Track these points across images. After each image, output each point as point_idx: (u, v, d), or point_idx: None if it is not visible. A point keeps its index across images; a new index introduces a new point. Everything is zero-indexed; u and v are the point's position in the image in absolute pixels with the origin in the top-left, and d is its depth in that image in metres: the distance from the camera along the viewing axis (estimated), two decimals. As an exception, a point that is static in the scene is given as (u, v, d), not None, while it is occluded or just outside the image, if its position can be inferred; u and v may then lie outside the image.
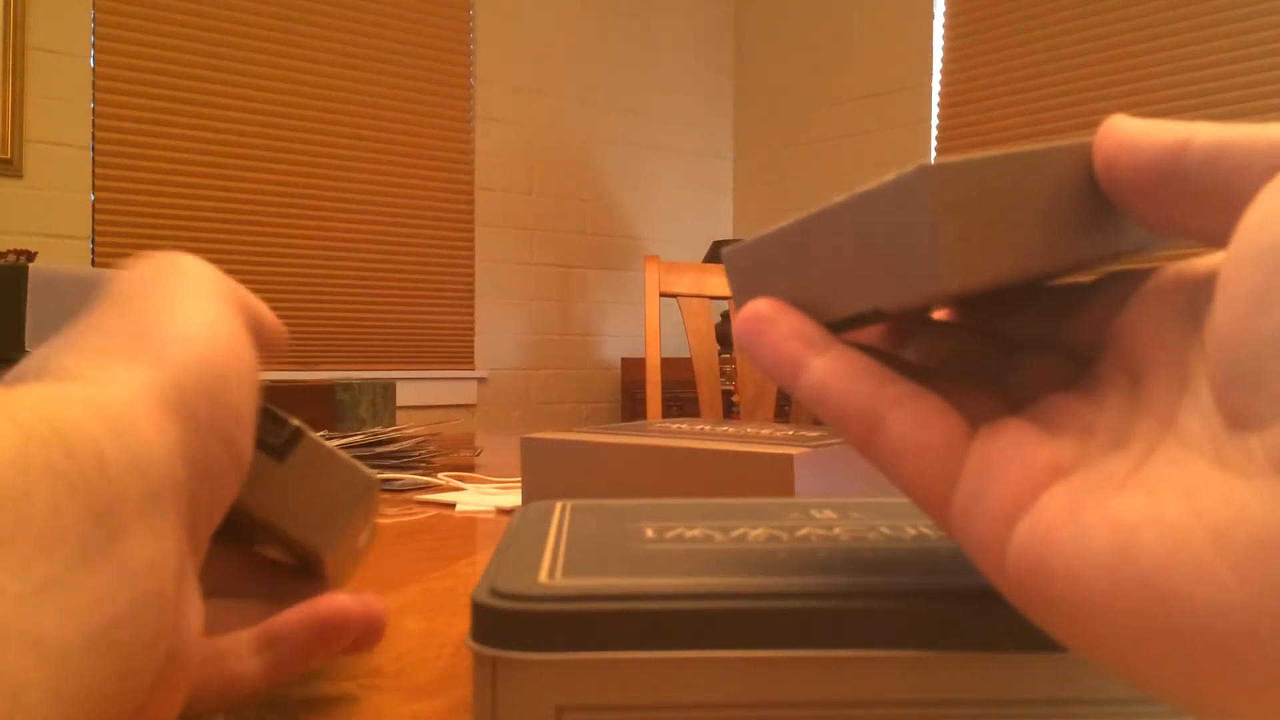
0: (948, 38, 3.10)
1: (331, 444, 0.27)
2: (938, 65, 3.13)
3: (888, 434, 0.19)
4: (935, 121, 3.12)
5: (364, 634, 0.25)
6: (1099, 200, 0.19)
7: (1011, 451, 0.18)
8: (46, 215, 2.43)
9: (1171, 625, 0.14)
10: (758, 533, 0.25)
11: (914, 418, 0.19)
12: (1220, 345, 0.15)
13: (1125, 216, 0.20)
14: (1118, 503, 0.15)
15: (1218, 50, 2.54)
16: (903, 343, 0.24)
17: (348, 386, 0.93)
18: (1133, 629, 0.14)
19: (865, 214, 0.19)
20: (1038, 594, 0.16)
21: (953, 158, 0.18)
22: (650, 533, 0.25)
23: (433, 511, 0.62)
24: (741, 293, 0.22)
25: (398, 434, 0.79)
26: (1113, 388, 0.19)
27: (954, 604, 0.19)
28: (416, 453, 0.79)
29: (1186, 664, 0.14)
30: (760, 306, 0.21)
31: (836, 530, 0.25)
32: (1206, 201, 0.17)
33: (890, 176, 0.18)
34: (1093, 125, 2.73)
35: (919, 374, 0.22)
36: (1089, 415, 0.18)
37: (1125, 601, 0.14)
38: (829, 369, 0.20)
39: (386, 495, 0.69)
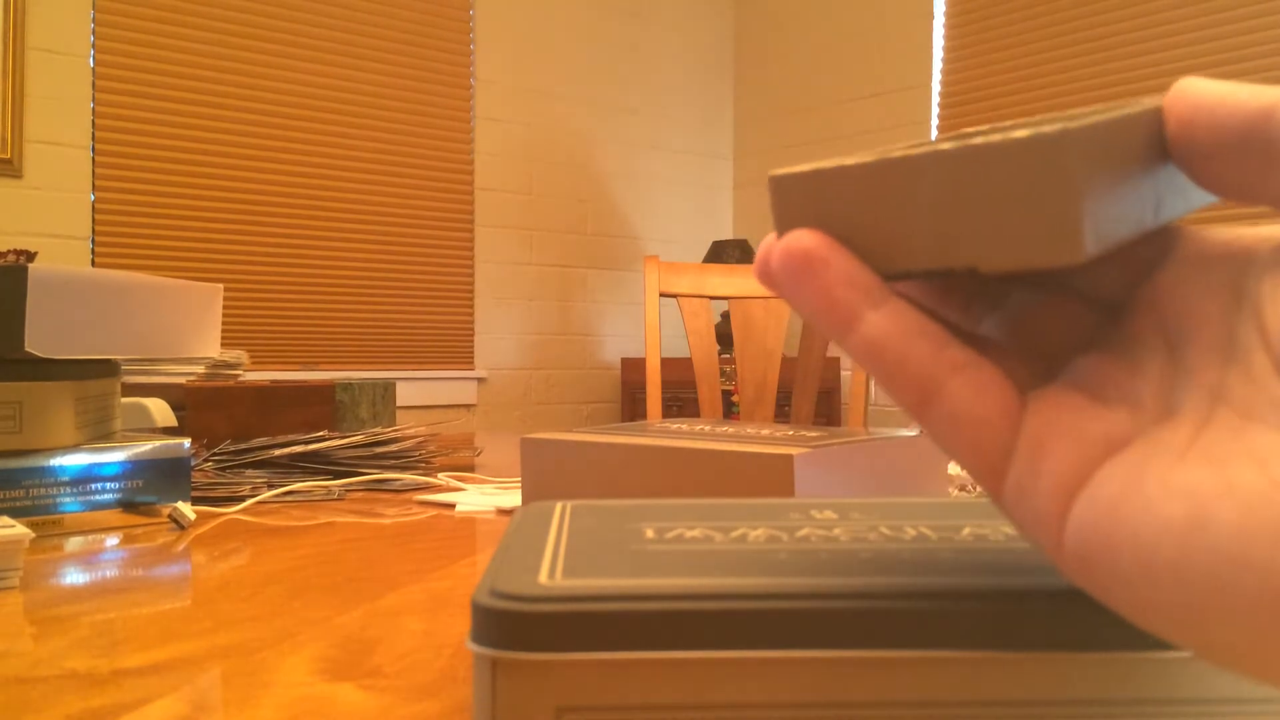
0: (948, 38, 3.10)
1: None
2: (938, 65, 3.13)
3: (945, 403, 0.18)
4: (935, 121, 3.12)
5: None
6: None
7: (1065, 425, 0.17)
8: (46, 215, 2.43)
9: (1250, 593, 0.14)
10: (758, 533, 0.25)
11: (972, 387, 0.18)
12: None
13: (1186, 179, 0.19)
14: (1183, 474, 0.15)
15: (1218, 50, 2.54)
16: (947, 302, 0.22)
17: (348, 386, 0.93)
18: (1208, 599, 0.14)
19: (984, 167, 0.17)
20: (1102, 568, 0.16)
21: (1082, 117, 0.17)
22: (650, 533, 0.25)
23: (433, 511, 0.62)
24: (785, 223, 0.20)
25: (398, 434, 0.79)
26: (1150, 353, 0.18)
27: (955, 603, 0.19)
28: (416, 453, 0.79)
29: (1264, 631, 0.14)
30: (808, 241, 0.19)
31: (837, 530, 0.25)
32: None
33: (1021, 132, 0.17)
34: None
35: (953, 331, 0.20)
36: (1131, 382, 0.18)
37: (1199, 571, 0.14)
38: (887, 325, 0.18)
39: (386, 495, 0.69)
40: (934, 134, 3.12)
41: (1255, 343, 0.16)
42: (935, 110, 3.12)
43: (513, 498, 0.65)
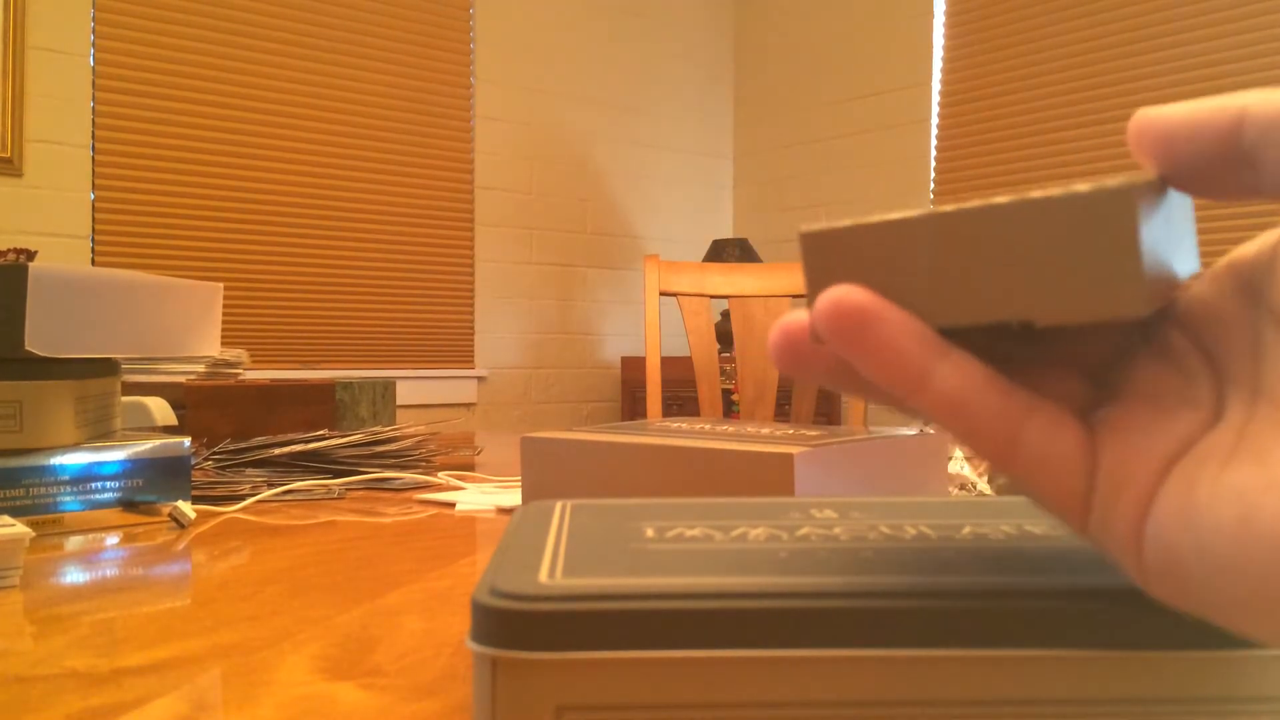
0: (948, 37, 3.10)
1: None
2: (938, 65, 3.13)
3: (1027, 448, 0.18)
4: (935, 121, 3.12)
5: None
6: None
7: (1137, 449, 0.18)
8: (46, 214, 2.43)
9: None
10: (758, 532, 0.24)
11: (1047, 428, 0.18)
12: None
13: None
14: (1232, 475, 0.16)
15: (1217, 50, 2.54)
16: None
17: (348, 386, 0.93)
18: (1265, 591, 0.15)
19: (1042, 220, 0.17)
20: (1174, 579, 0.16)
21: (1138, 174, 0.17)
22: (650, 533, 0.25)
23: (433, 511, 0.62)
24: (820, 279, 0.19)
25: (398, 433, 0.79)
26: (1192, 358, 0.19)
27: (955, 603, 0.19)
28: (416, 452, 0.79)
29: None
30: (859, 297, 0.18)
31: (837, 530, 0.25)
32: (1271, 166, 0.17)
33: (1081, 188, 0.17)
34: (1093, 125, 2.73)
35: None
36: (1185, 390, 0.18)
37: (1253, 567, 0.15)
38: (957, 378, 0.18)
39: (386, 494, 0.69)
40: (934, 134, 3.12)
41: (1276, 336, 0.17)
42: (935, 110, 3.12)
43: (513, 497, 0.65)
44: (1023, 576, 0.20)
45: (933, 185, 3.11)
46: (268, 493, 0.66)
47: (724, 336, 3.02)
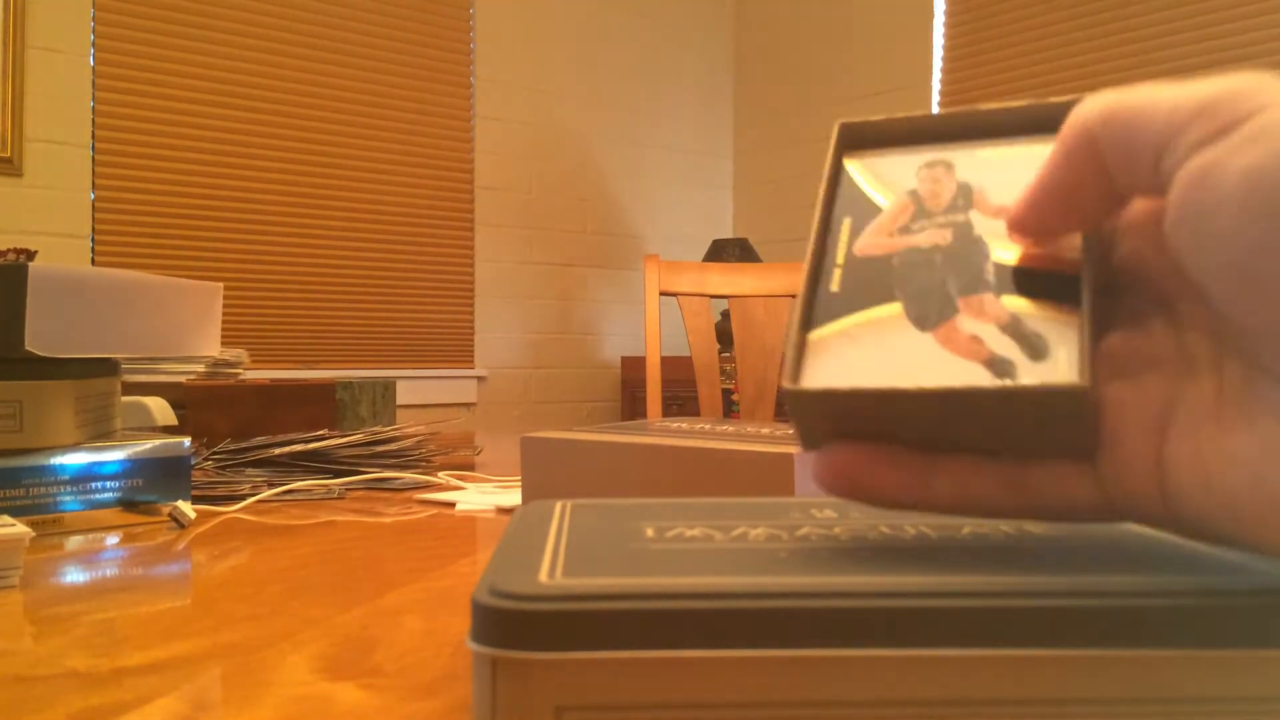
0: (948, 37, 3.10)
1: None
2: (938, 65, 3.13)
3: (1032, 495, 0.21)
4: (935, 121, 3.12)
5: None
6: None
7: (1127, 425, 0.20)
8: (46, 214, 2.43)
9: None
10: (758, 532, 0.24)
11: (1046, 475, 0.21)
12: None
13: None
14: (1231, 441, 0.18)
15: (1217, 50, 2.54)
16: None
17: (348, 385, 0.93)
18: None
19: (1009, 405, 0.20)
20: (1202, 530, 0.19)
21: (1081, 355, 0.20)
22: (650, 532, 0.25)
23: (433, 511, 0.62)
24: (812, 433, 0.22)
25: (397, 433, 0.79)
26: (1154, 315, 0.21)
27: (955, 602, 0.19)
28: (416, 452, 0.79)
29: None
30: (841, 456, 0.21)
31: (837, 530, 0.25)
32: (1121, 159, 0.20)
33: (1037, 382, 0.20)
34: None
35: None
36: (1151, 348, 0.20)
37: (1274, 516, 0.18)
38: (951, 484, 0.21)
39: (386, 494, 0.69)
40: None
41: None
42: (935, 110, 3.12)
43: (513, 496, 0.65)
44: (1023, 576, 0.20)
45: (933, 185, 3.11)
46: (268, 493, 0.66)
47: (724, 336, 3.01)
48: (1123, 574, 0.20)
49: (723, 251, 3.27)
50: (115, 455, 0.57)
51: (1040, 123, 0.24)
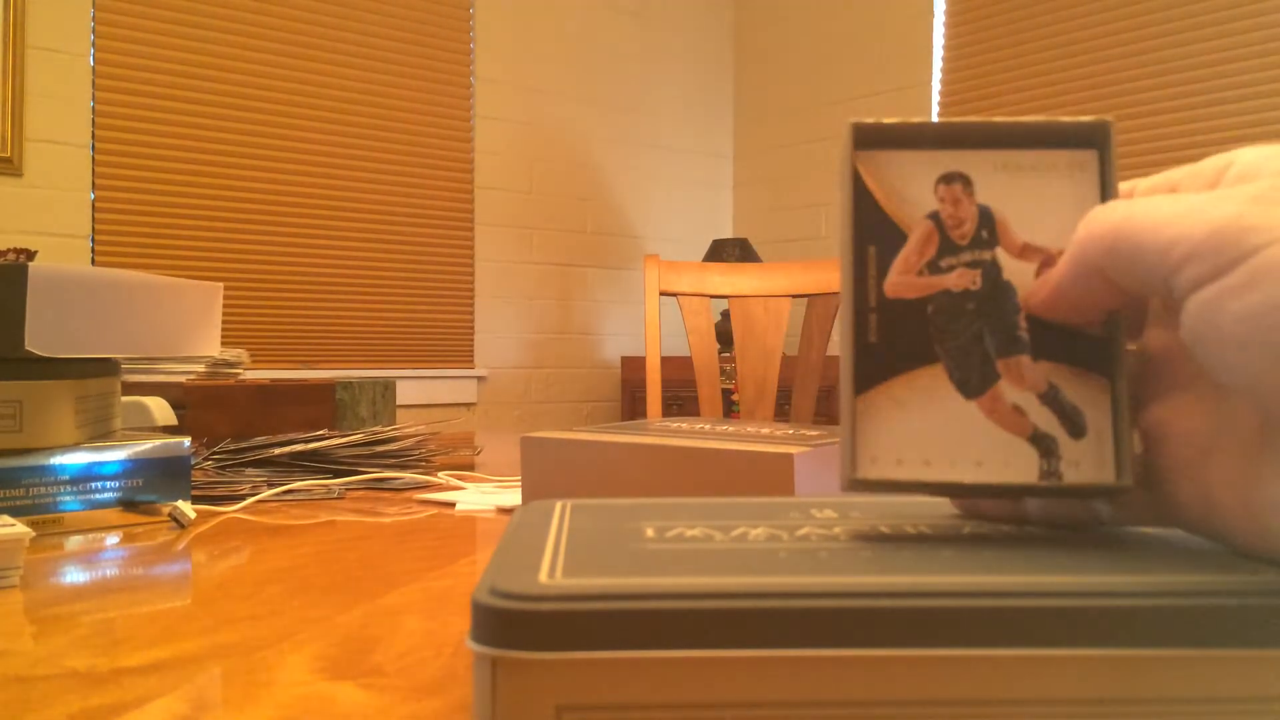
0: (948, 38, 3.10)
1: None
2: (938, 65, 3.13)
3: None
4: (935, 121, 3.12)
5: None
6: None
7: (1181, 440, 0.22)
8: (46, 214, 2.43)
9: None
10: (758, 532, 0.24)
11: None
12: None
13: None
14: (1267, 488, 0.20)
15: (1216, 50, 2.54)
16: None
17: (348, 385, 0.93)
18: None
19: (1054, 494, 0.24)
20: (1256, 554, 0.21)
21: (1118, 444, 0.23)
22: (650, 532, 0.25)
23: (433, 511, 0.62)
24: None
25: (397, 433, 0.79)
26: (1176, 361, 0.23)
27: (956, 602, 0.19)
28: (416, 452, 0.79)
29: None
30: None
31: (837, 529, 0.25)
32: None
33: (1083, 482, 0.23)
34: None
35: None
36: (1189, 369, 0.23)
37: None
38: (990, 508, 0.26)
39: (386, 494, 0.69)
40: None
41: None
42: (935, 110, 3.12)
43: (513, 496, 0.65)
44: (1023, 576, 0.20)
45: (933, 185, 3.11)
46: (268, 493, 0.66)
47: (724, 336, 3.01)
48: (1122, 574, 0.20)
49: (722, 251, 3.27)
50: (115, 455, 0.57)
51: (1052, 137, 0.24)
